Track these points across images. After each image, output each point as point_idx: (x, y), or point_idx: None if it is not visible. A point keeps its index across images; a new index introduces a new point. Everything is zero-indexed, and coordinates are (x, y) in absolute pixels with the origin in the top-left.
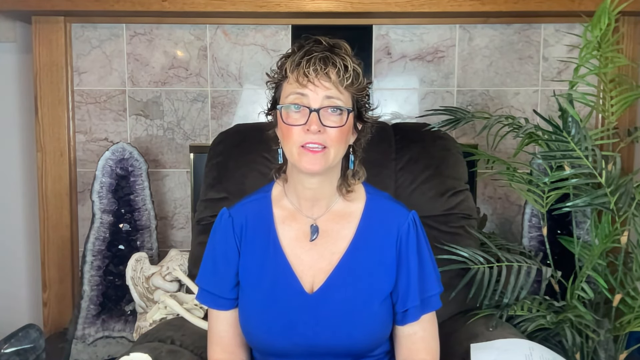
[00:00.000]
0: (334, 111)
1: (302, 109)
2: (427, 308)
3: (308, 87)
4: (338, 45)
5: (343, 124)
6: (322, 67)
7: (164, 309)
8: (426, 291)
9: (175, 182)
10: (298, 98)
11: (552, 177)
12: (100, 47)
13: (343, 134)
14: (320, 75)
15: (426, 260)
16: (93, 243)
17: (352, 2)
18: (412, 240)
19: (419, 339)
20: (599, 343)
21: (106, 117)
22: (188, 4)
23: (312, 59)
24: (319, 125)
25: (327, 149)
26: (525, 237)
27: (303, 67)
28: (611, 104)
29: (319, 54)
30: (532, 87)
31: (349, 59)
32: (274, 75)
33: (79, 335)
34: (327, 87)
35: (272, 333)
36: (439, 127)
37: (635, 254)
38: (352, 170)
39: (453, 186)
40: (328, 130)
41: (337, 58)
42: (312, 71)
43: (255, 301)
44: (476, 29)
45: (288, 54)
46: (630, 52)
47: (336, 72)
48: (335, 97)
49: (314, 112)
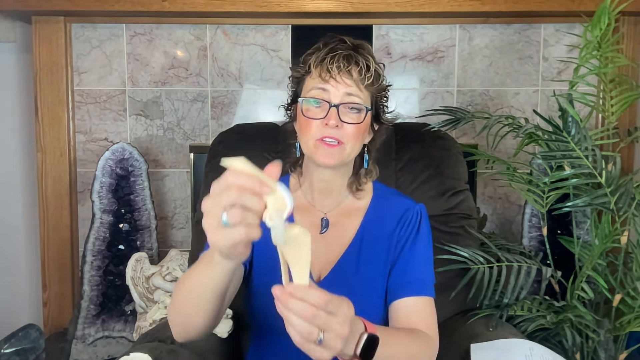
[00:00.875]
0: (352, 109)
1: (322, 103)
2: (423, 290)
3: (330, 83)
4: (362, 46)
5: (360, 121)
6: (345, 64)
7: (164, 309)
8: (422, 273)
9: (175, 182)
10: (319, 93)
11: (552, 177)
12: (100, 47)
13: (359, 131)
14: (342, 72)
15: (426, 249)
16: (93, 243)
17: (352, 2)
18: (415, 226)
19: (412, 313)
20: (599, 343)
21: (106, 117)
22: (188, 4)
23: (337, 56)
24: (337, 121)
25: (343, 144)
26: (525, 237)
27: (327, 63)
28: (611, 104)
29: (344, 52)
30: (532, 87)
31: (372, 59)
32: (297, 70)
33: (79, 335)
34: (348, 84)
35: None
36: (439, 127)
37: (635, 254)
38: (366, 169)
39: (453, 186)
40: (345, 126)
41: (361, 57)
42: (335, 68)
43: (267, 283)
44: (476, 29)
45: (313, 51)
46: (630, 52)
47: (358, 71)
48: (355, 94)
49: (333, 107)
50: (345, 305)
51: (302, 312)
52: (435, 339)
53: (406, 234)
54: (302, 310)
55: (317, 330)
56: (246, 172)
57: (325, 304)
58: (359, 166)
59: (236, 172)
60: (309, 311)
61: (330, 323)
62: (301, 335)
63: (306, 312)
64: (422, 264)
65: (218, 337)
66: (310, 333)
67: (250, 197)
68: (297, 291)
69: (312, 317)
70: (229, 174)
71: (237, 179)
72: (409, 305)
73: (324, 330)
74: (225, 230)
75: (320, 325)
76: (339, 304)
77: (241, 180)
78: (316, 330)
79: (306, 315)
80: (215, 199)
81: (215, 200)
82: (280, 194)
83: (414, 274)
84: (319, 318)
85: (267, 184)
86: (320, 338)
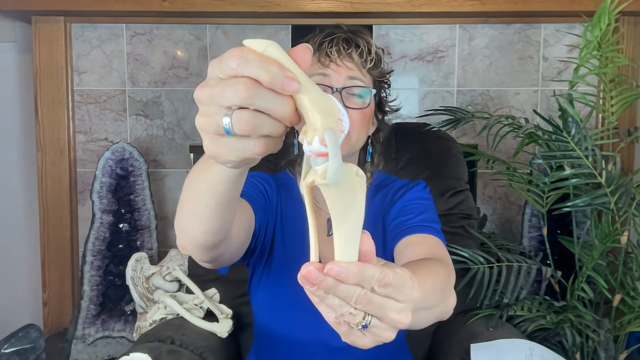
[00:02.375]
0: (356, 94)
1: (323, 89)
2: (426, 229)
3: (330, 67)
4: (360, 30)
5: (365, 106)
6: (345, 47)
7: (164, 309)
8: (422, 215)
9: (175, 182)
10: (319, 79)
11: (552, 177)
12: (100, 47)
13: (365, 117)
14: (343, 55)
15: (426, 207)
16: (93, 243)
17: (352, 2)
18: (408, 194)
19: (419, 246)
20: (599, 343)
21: (106, 117)
22: (188, 4)
23: (335, 39)
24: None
25: (349, 132)
26: (525, 237)
27: (325, 47)
28: (611, 104)
29: (343, 35)
30: (532, 87)
31: (372, 42)
32: None
33: (79, 335)
34: (349, 67)
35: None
36: (439, 127)
37: (635, 254)
38: (370, 163)
39: (453, 186)
40: (350, 112)
41: (361, 40)
42: (334, 51)
43: (291, 270)
44: (476, 29)
45: (309, 37)
46: (630, 52)
47: (359, 54)
48: (358, 78)
49: (336, 92)
50: (409, 285)
51: (351, 297)
52: (451, 266)
53: (404, 196)
54: (351, 295)
55: (363, 313)
56: (265, 57)
57: (389, 285)
58: (363, 160)
59: (249, 54)
60: (362, 296)
61: (386, 308)
62: (339, 315)
63: (359, 297)
64: (421, 210)
65: (218, 337)
66: (354, 316)
67: (269, 94)
68: (351, 273)
69: (367, 302)
70: (236, 54)
71: (247, 66)
72: (414, 241)
73: (374, 315)
74: (230, 140)
75: (372, 311)
76: (402, 283)
77: (254, 67)
78: (361, 314)
79: (358, 300)
80: (214, 90)
81: (215, 93)
82: (330, 100)
83: (414, 217)
84: (373, 304)
85: (296, 78)
86: (365, 323)
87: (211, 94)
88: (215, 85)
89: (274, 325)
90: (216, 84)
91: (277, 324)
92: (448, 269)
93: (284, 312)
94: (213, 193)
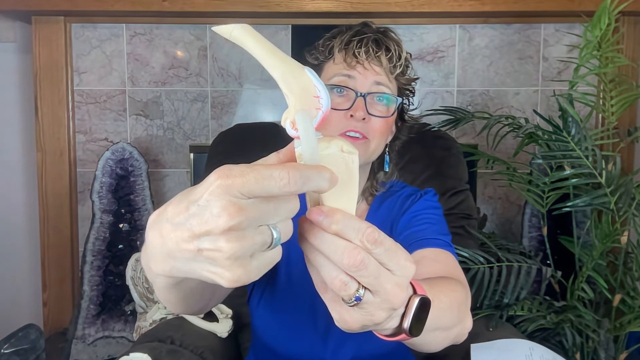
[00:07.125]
0: (381, 100)
1: (346, 92)
2: (436, 244)
3: (356, 69)
4: (390, 31)
5: (389, 114)
6: (375, 49)
7: (164, 309)
8: (431, 227)
9: (175, 182)
10: (344, 80)
11: (552, 177)
12: (100, 47)
13: (387, 125)
14: (371, 58)
15: (438, 218)
16: (93, 243)
17: (352, 2)
18: (418, 204)
19: (432, 261)
20: (599, 343)
21: (106, 117)
22: (188, 4)
23: (365, 39)
24: (365, 112)
25: (368, 140)
26: (525, 237)
27: (353, 47)
28: (611, 104)
29: (372, 35)
30: (532, 87)
31: (402, 45)
32: (315, 55)
33: (79, 335)
34: (377, 72)
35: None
36: (439, 127)
37: (635, 254)
38: (385, 173)
39: (453, 186)
40: (372, 119)
41: (392, 43)
42: (363, 52)
43: (295, 298)
44: (476, 29)
45: (335, 33)
46: (630, 52)
47: (388, 58)
48: (385, 84)
49: (360, 97)
50: (404, 256)
51: (342, 253)
52: (467, 287)
53: (411, 209)
54: (341, 250)
55: (357, 284)
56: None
57: (380, 245)
58: (377, 169)
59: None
60: (355, 254)
61: (381, 279)
62: (330, 283)
63: (351, 254)
64: (433, 221)
65: (218, 337)
66: (346, 285)
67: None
68: (343, 218)
69: (359, 263)
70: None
71: (262, 186)
72: (427, 256)
73: (367, 287)
74: (264, 254)
75: (365, 279)
76: (397, 253)
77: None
78: (355, 284)
79: (350, 259)
80: (250, 212)
81: (250, 217)
82: (304, 76)
83: (427, 230)
84: (366, 267)
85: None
86: (358, 295)
87: (248, 216)
88: (253, 207)
89: (275, 344)
90: (250, 205)
91: (278, 344)
92: (466, 290)
93: (285, 334)
94: (175, 293)
